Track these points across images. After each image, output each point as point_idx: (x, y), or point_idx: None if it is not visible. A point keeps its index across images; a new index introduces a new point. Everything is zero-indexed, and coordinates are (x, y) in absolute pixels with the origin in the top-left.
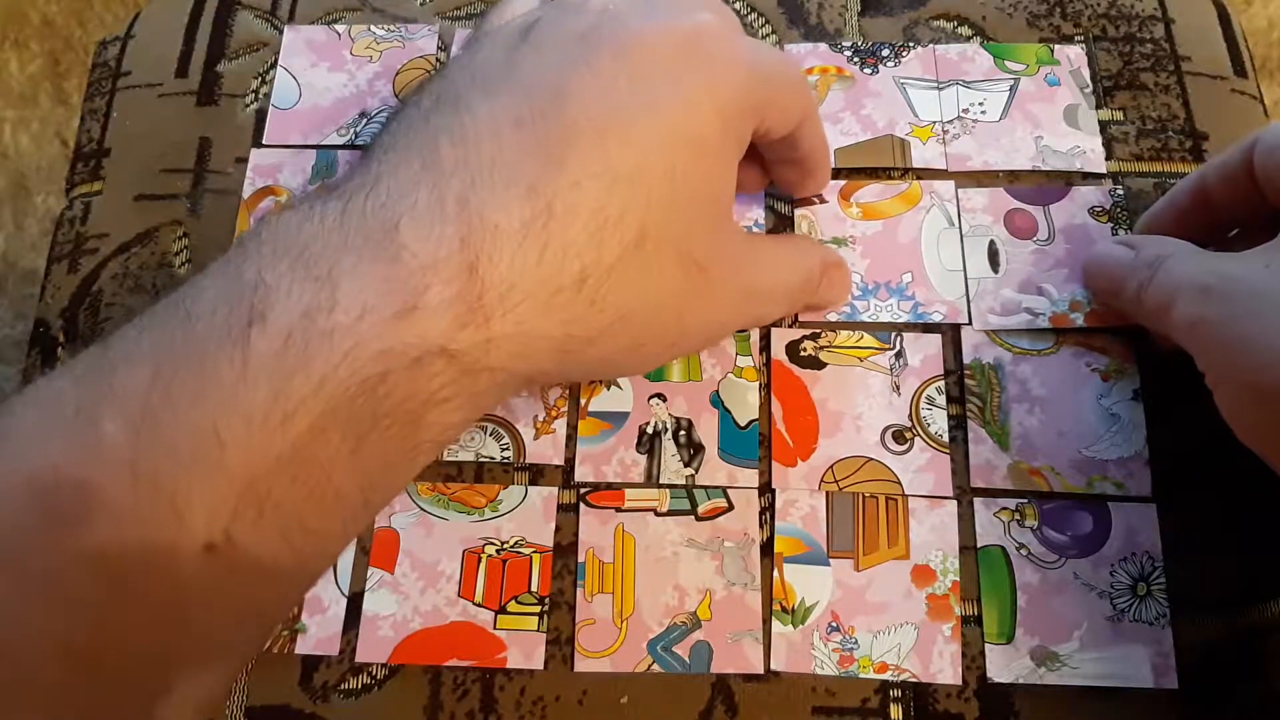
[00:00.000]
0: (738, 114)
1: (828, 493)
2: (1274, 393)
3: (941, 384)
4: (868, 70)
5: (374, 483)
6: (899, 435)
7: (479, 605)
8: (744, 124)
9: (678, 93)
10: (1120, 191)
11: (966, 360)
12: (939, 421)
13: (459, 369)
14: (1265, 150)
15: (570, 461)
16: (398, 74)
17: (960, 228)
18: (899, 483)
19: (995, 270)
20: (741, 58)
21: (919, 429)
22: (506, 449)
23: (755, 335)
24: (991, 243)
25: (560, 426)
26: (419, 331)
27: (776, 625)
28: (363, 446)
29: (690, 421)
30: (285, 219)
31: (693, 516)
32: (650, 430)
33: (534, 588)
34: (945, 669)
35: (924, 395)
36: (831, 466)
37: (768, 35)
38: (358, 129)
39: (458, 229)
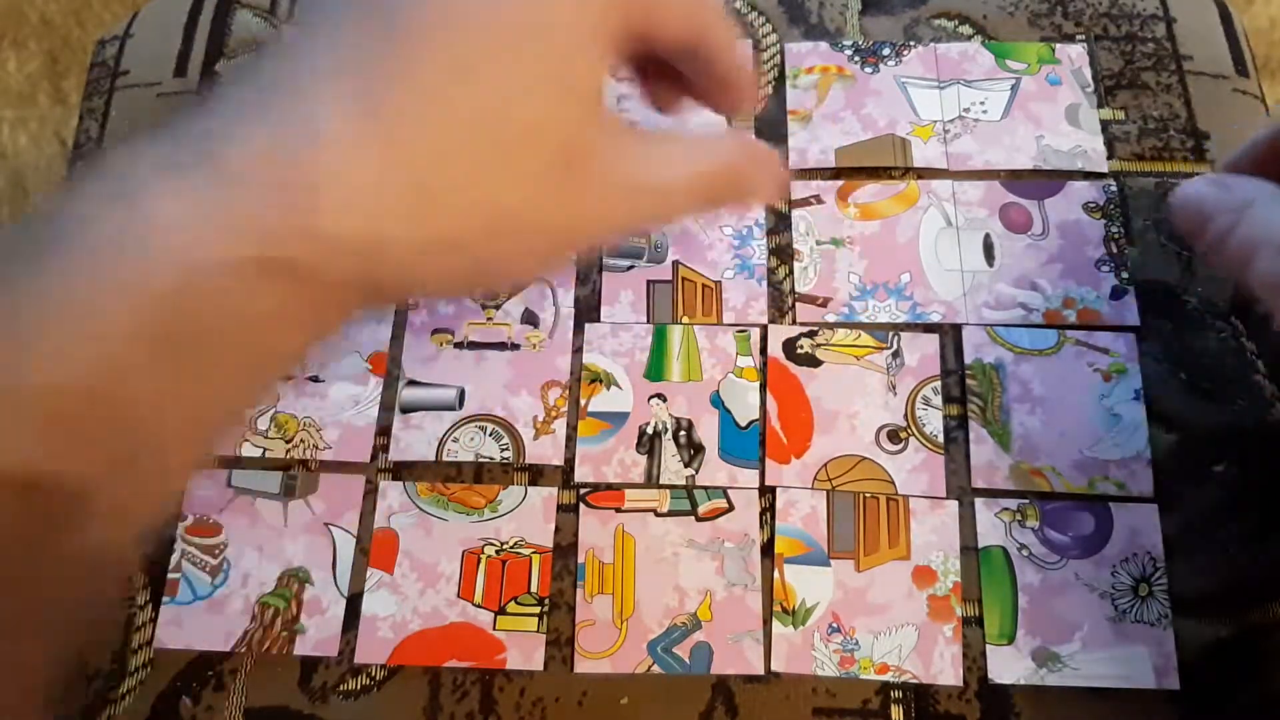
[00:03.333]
0: (603, 2)
1: (828, 493)
2: None
3: (938, 384)
4: (869, 69)
5: (208, 403)
6: (894, 435)
7: (478, 606)
8: (611, 13)
9: None
10: (1114, 187)
11: (968, 360)
12: (934, 422)
13: (293, 278)
14: None
15: (570, 462)
16: None
17: (956, 221)
18: (893, 483)
19: (990, 264)
20: None
21: (914, 429)
22: (506, 449)
23: (755, 335)
24: (987, 236)
25: (560, 427)
26: (246, 240)
27: (777, 626)
28: (186, 360)
29: (690, 422)
30: (114, 155)
31: (693, 517)
32: (650, 430)
33: (534, 588)
34: (946, 670)
35: (920, 395)
36: (825, 465)
37: (769, 34)
38: None
39: (284, 131)
